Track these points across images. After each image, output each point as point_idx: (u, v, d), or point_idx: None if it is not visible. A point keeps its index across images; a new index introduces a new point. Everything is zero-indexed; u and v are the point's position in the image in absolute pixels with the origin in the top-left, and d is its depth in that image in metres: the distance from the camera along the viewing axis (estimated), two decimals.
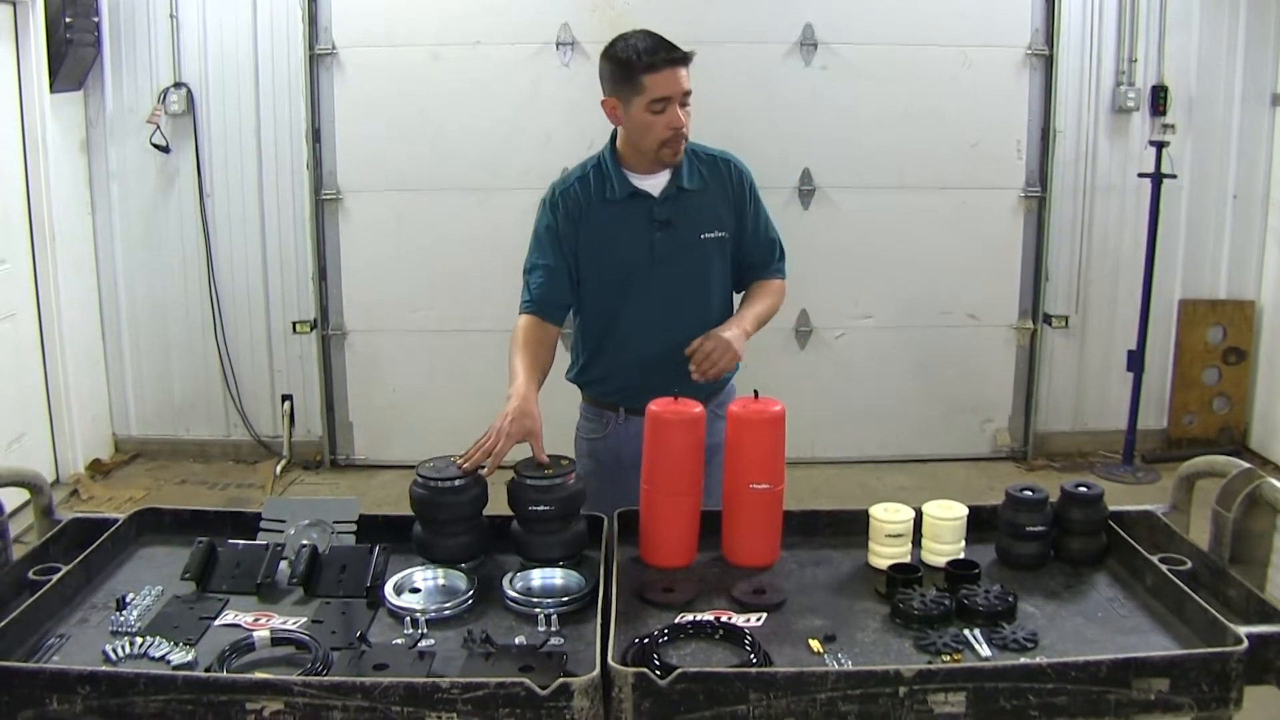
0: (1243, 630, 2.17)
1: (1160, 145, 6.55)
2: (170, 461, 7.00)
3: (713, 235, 3.29)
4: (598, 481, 3.33)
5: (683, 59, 3.14)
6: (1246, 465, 2.59)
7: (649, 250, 3.25)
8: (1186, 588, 2.38)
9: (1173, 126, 6.69)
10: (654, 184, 3.27)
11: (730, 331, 3.13)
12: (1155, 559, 2.55)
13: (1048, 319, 6.83)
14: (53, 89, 6.26)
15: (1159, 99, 6.80)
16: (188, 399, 7.04)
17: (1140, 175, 6.72)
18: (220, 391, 6.99)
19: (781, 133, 6.59)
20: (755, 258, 3.39)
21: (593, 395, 3.46)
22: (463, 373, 6.83)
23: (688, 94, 3.15)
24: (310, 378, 6.94)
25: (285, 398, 7.00)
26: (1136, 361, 6.86)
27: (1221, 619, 2.22)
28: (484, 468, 2.75)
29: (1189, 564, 2.58)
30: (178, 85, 6.60)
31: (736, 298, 3.44)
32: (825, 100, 6.52)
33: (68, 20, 6.17)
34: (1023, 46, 6.67)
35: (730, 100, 6.58)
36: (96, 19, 6.47)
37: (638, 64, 3.13)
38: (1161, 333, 7.10)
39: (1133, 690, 2.09)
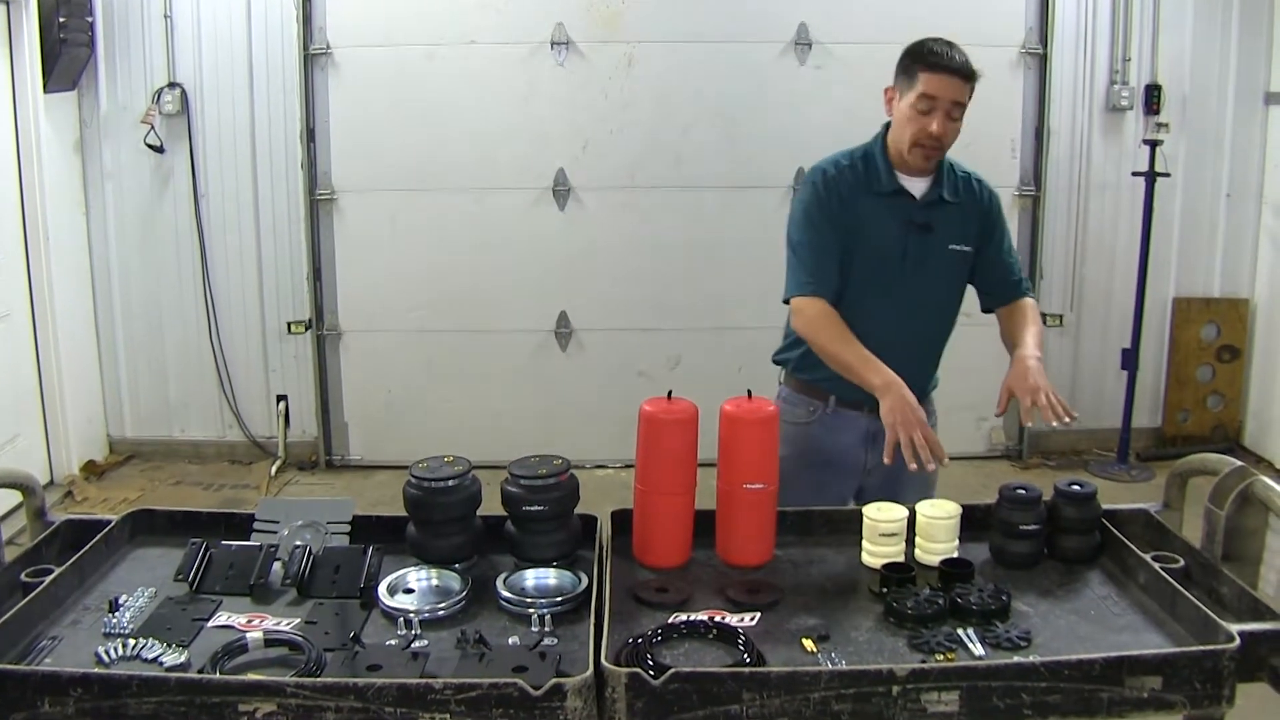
0: (1235, 628, 2.17)
1: (1154, 144, 6.57)
2: (165, 462, 6.99)
3: (959, 248, 3.31)
4: (790, 468, 3.34)
5: (963, 72, 3.13)
6: (1239, 463, 2.60)
7: (902, 250, 3.26)
8: (1179, 586, 2.39)
9: (1166, 125, 6.69)
10: (917, 186, 3.28)
11: (1031, 364, 3.13)
12: (1148, 557, 2.55)
13: (1043, 317, 6.81)
14: (46, 89, 6.25)
15: (1153, 98, 6.81)
16: (182, 399, 7.03)
17: (1134, 174, 6.72)
18: (215, 392, 6.98)
19: (776, 132, 6.61)
20: (1002, 278, 3.42)
21: (805, 380, 3.42)
22: (459, 372, 6.84)
23: (958, 106, 3.14)
24: (305, 378, 6.94)
25: (280, 398, 6.99)
26: (1131, 359, 6.87)
27: (1214, 617, 2.22)
28: (934, 460, 2.86)
29: (1182, 562, 2.59)
30: (172, 85, 6.59)
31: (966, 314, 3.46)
32: (819, 99, 6.53)
33: (61, 20, 6.16)
34: (1017, 45, 6.69)
35: (725, 100, 6.61)
36: (90, 19, 6.46)
37: (920, 58, 3.15)
38: (1156, 331, 7.12)
39: (1125, 688, 2.09)
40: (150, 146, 6.62)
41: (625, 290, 6.84)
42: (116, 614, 2.36)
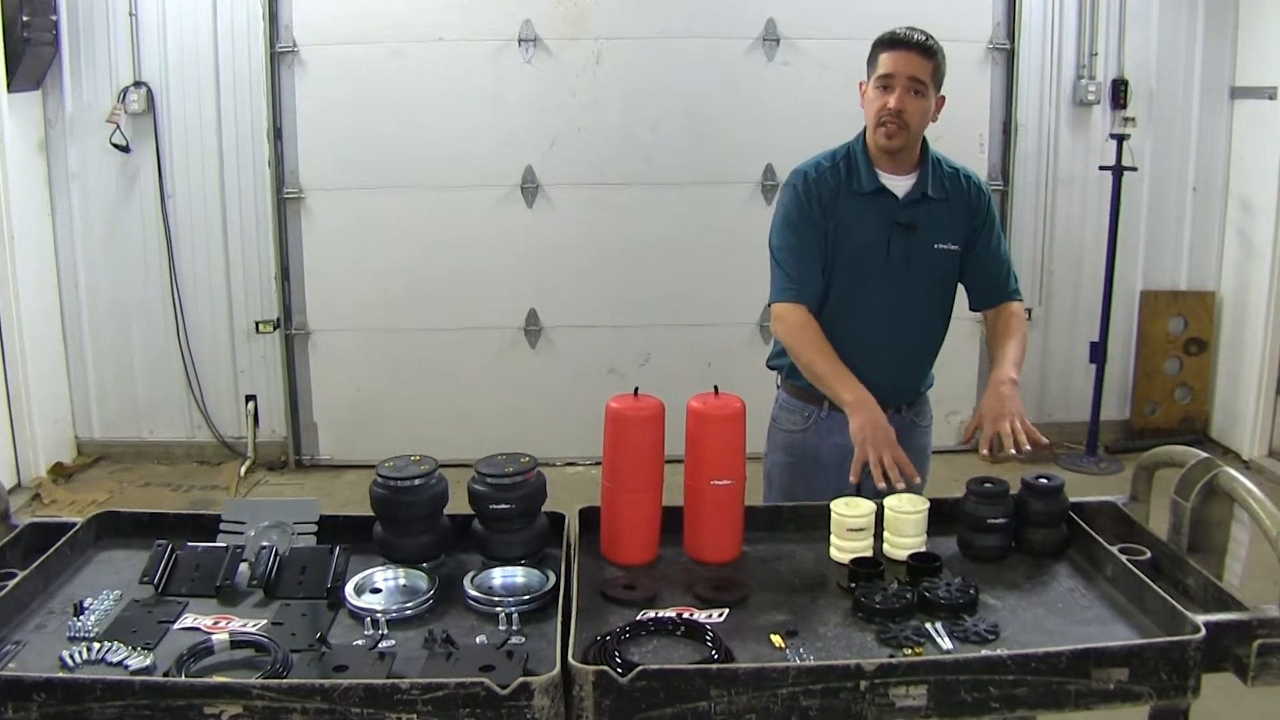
0: (1201, 619, 2.18)
1: (1121, 138, 6.60)
2: (134, 464, 6.95)
3: (946, 247, 3.29)
4: (789, 475, 3.38)
5: (919, 48, 3.13)
6: (1204, 455, 2.61)
7: (885, 250, 3.24)
8: (1146, 577, 2.40)
9: (1133, 119, 6.73)
10: (899, 184, 3.26)
11: (1005, 391, 3.10)
12: (1115, 549, 2.56)
13: None
14: (10, 88, 6.19)
15: (1119, 92, 6.85)
16: (151, 400, 6.98)
17: (1101, 168, 6.77)
18: (183, 392, 6.94)
19: (744, 128, 6.62)
20: (991, 278, 3.39)
21: (800, 386, 3.40)
22: (428, 371, 6.83)
23: (918, 82, 3.13)
24: (274, 378, 6.91)
25: (249, 398, 6.96)
26: (1099, 352, 6.91)
27: (1180, 608, 2.23)
28: (903, 480, 2.88)
29: (1148, 554, 2.60)
30: (138, 84, 6.54)
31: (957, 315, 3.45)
32: (788, 95, 6.55)
33: (25, 19, 6.10)
34: (984, 41, 6.71)
35: (693, 95, 6.61)
36: (55, 17, 6.40)
37: (880, 41, 3.18)
38: (1124, 324, 7.16)
39: (1092, 680, 2.10)
40: (116, 146, 6.57)
41: (594, 287, 6.84)
42: (81, 617, 2.34)
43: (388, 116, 6.57)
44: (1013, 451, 2.96)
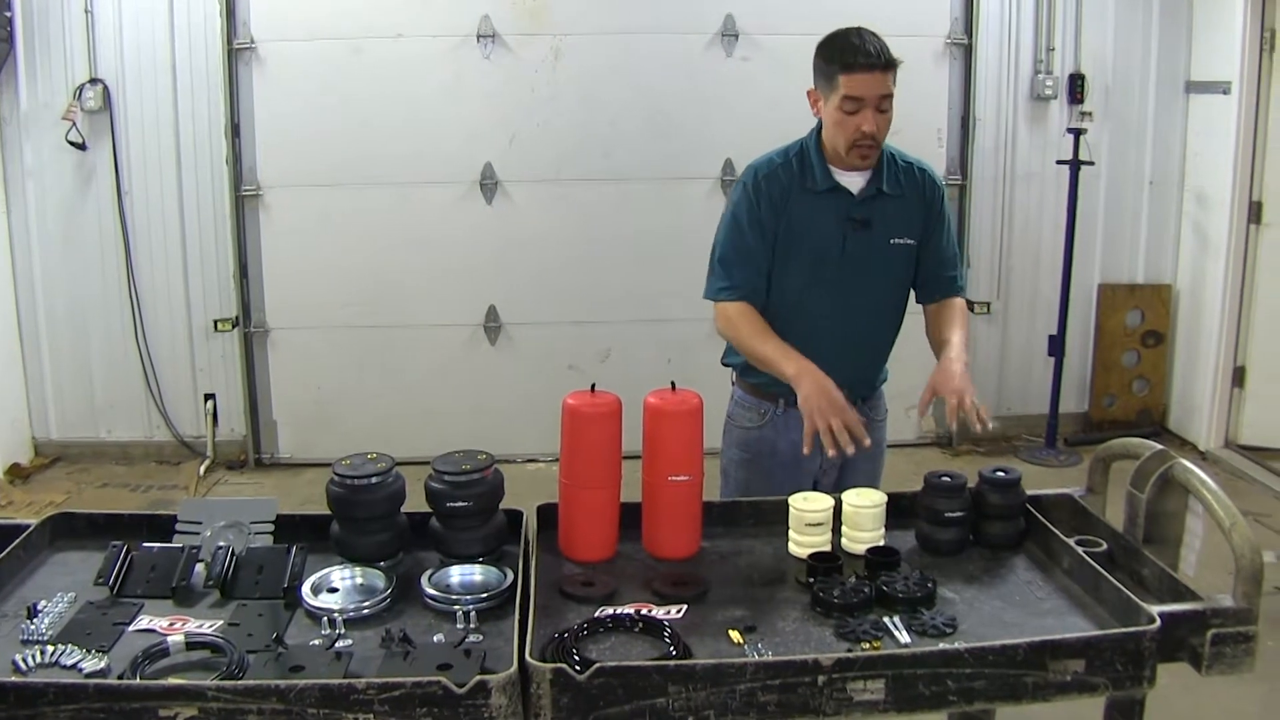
0: (1156, 609, 2.21)
1: (1078, 133, 6.64)
2: (92, 464, 6.89)
3: (902, 241, 3.28)
4: (747, 473, 3.37)
5: (883, 65, 3.07)
6: (1159, 447, 2.63)
7: (841, 247, 3.23)
8: (1102, 569, 2.42)
9: (1090, 114, 6.79)
10: (854, 181, 3.24)
11: (958, 369, 3.12)
12: (1072, 541, 2.58)
13: (970, 305, 6.83)
14: None
15: (1076, 87, 6.89)
16: (109, 400, 6.92)
17: (1059, 162, 6.80)
18: (142, 392, 6.89)
19: (704, 123, 6.63)
20: (939, 270, 3.38)
21: (754, 384, 3.38)
22: (388, 369, 6.81)
23: (886, 98, 3.09)
24: (233, 376, 6.86)
25: (208, 397, 6.91)
26: (1058, 346, 6.95)
27: (1135, 599, 2.25)
28: (854, 443, 2.91)
29: (1104, 545, 2.63)
30: (94, 81, 6.47)
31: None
32: (747, 91, 6.55)
33: None
34: (942, 36, 6.74)
35: (652, 91, 6.60)
36: (9, 14, 6.33)
37: (835, 59, 3.10)
38: (1082, 317, 7.20)
39: (1049, 672, 2.12)
40: (72, 144, 6.50)
41: (554, 283, 6.82)
42: (35, 620, 2.31)
43: (347, 113, 6.54)
44: (977, 427, 2.98)
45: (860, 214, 3.23)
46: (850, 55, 3.07)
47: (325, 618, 2.31)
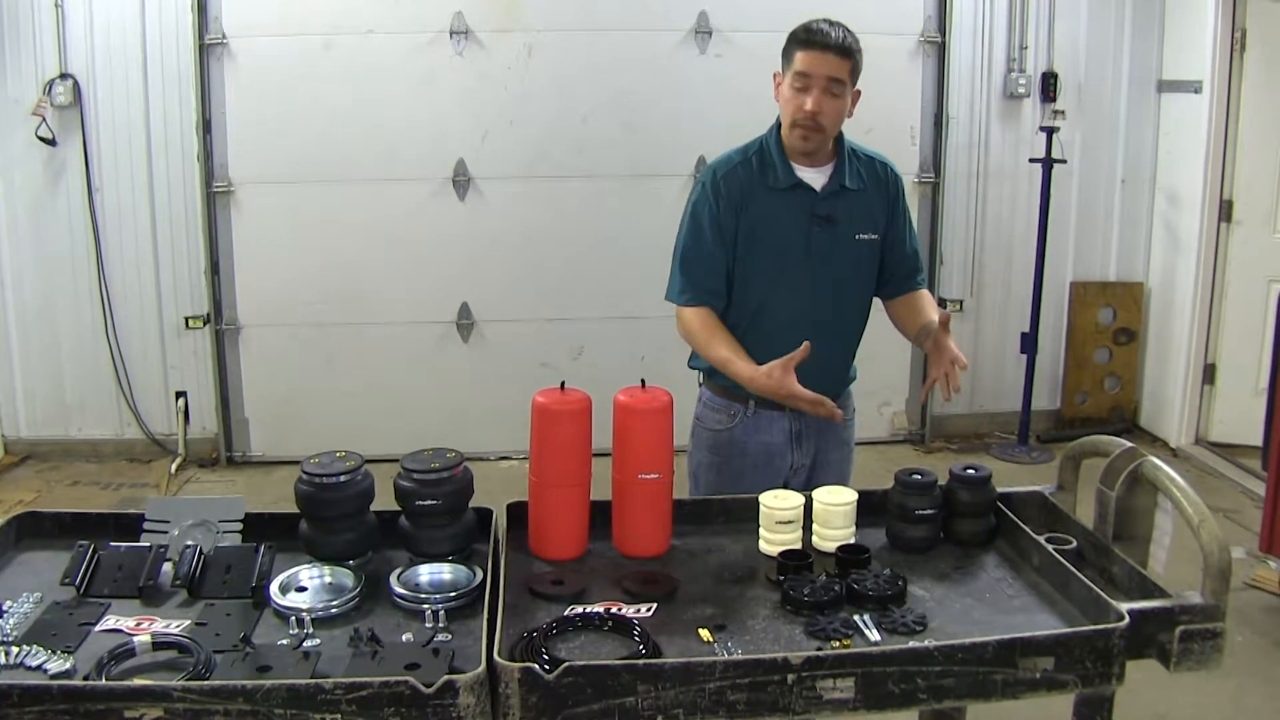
0: (1125, 606, 2.21)
1: (1050, 131, 6.68)
2: (62, 462, 6.85)
3: (866, 237, 3.27)
4: (715, 474, 3.35)
5: (836, 48, 3.07)
6: (1129, 445, 2.63)
7: (805, 245, 3.21)
8: (1071, 566, 2.43)
9: (1062, 112, 6.84)
10: (816, 177, 3.22)
11: (947, 339, 3.13)
12: (1042, 539, 2.59)
13: (943, 303, 6.89)
14: None
15: (1049, 85, 6.92)
16: (79, 398, 6.88)
17: (1031, 160, 6.84)
18: (112, 389, 6.84)
19: (677, 120, 6.63)
20: (901, 266, 3.37)
21: (723, 385, 3.35)
22: (360, 366, 6.78)
23: (836, 82, 3.08)
24: (204, 373, 6.82)
25: (179, 394, 6.87)
26: (1030, 343, 6.98)
27: (1104, 596, 2.26)
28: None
29: (1074, 543, 2.63)
30: (64, 76, 6.42)
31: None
32: (720, 88, 6.54)
33: None
34: (916, 34, 6.76)
35: (626, 88, 6.60)
36: None
37: (795, 37, 3.13)
38: (1054, 314, 7.24)
39: (1019, 670, 2.12)
40: (42, 139, 6.45)
41: (527, 281, 6.81)
42: (0, 620, 2.30)
43: (318, 109, 6.51)
44: (949, 396, 3.04)
45: (824, 210, 3.21)
46: (807, 34, 3.10)
47: (293, 617, 2.29)
